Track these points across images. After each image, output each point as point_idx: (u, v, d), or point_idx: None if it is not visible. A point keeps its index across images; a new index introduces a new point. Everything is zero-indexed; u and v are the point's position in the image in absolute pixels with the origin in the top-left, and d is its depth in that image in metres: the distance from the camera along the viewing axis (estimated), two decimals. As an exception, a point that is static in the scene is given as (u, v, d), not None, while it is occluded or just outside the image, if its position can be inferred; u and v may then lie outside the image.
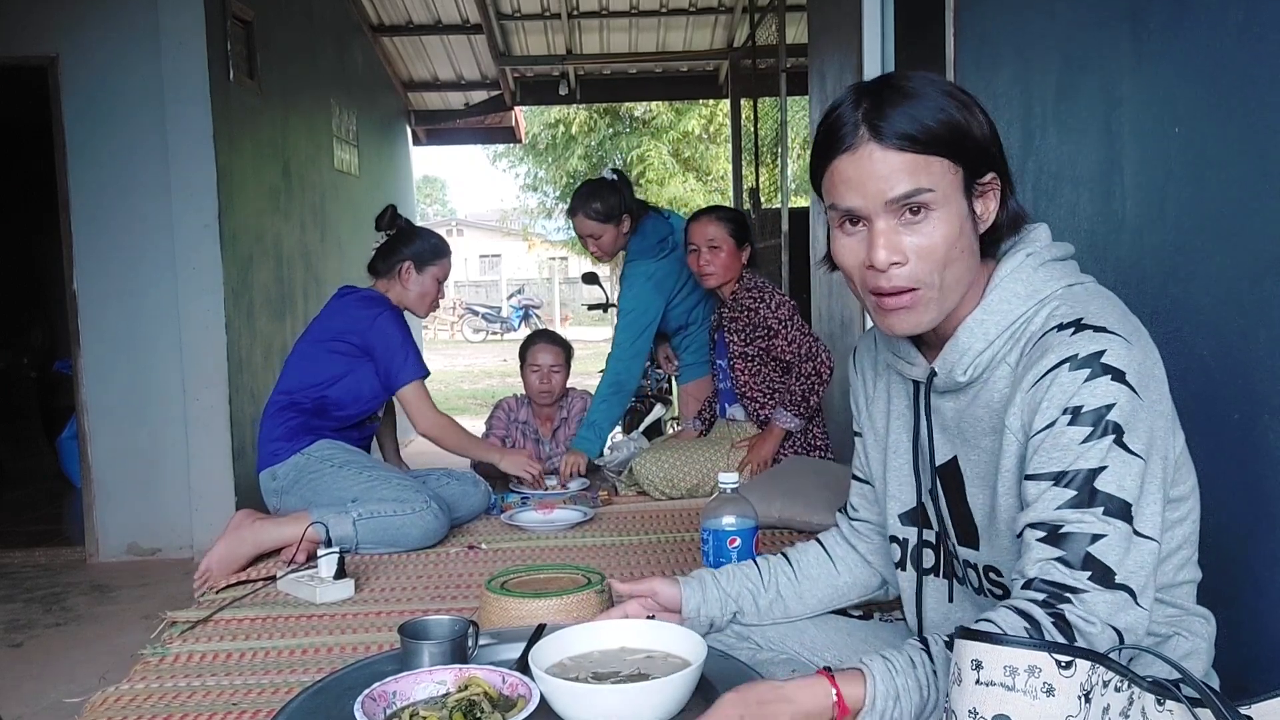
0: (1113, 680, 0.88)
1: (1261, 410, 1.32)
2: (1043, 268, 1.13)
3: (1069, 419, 1.02)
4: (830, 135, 1.11)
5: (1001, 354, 1.12)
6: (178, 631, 1.94)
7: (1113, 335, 1.03)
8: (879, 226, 1.08)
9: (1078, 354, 1.03)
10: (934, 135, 1.06)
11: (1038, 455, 1.04)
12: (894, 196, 1.06)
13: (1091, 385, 1.01)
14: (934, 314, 1.11)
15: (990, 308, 1.13)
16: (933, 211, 1.07)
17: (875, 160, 1.07)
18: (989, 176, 1.12)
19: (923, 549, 1.27)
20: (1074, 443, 1.01)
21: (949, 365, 1.15)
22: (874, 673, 1.04)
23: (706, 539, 1.83)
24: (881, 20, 3.26)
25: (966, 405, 1.17)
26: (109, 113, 4.18)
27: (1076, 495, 1.00)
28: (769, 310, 2.89)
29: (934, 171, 1.07)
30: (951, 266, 1.09)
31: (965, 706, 0.88)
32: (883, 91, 1.09)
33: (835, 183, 1.11)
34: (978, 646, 0.89)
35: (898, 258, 1.08)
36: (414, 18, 7.26)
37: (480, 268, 28.62)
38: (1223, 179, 1.40)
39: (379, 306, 2.77)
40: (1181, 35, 1.49)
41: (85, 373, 4.25)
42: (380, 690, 1.16)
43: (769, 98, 6.39)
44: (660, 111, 15.21)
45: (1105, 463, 1.00)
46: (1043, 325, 1.09)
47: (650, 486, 2.93)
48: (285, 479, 2.62)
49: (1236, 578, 1.38)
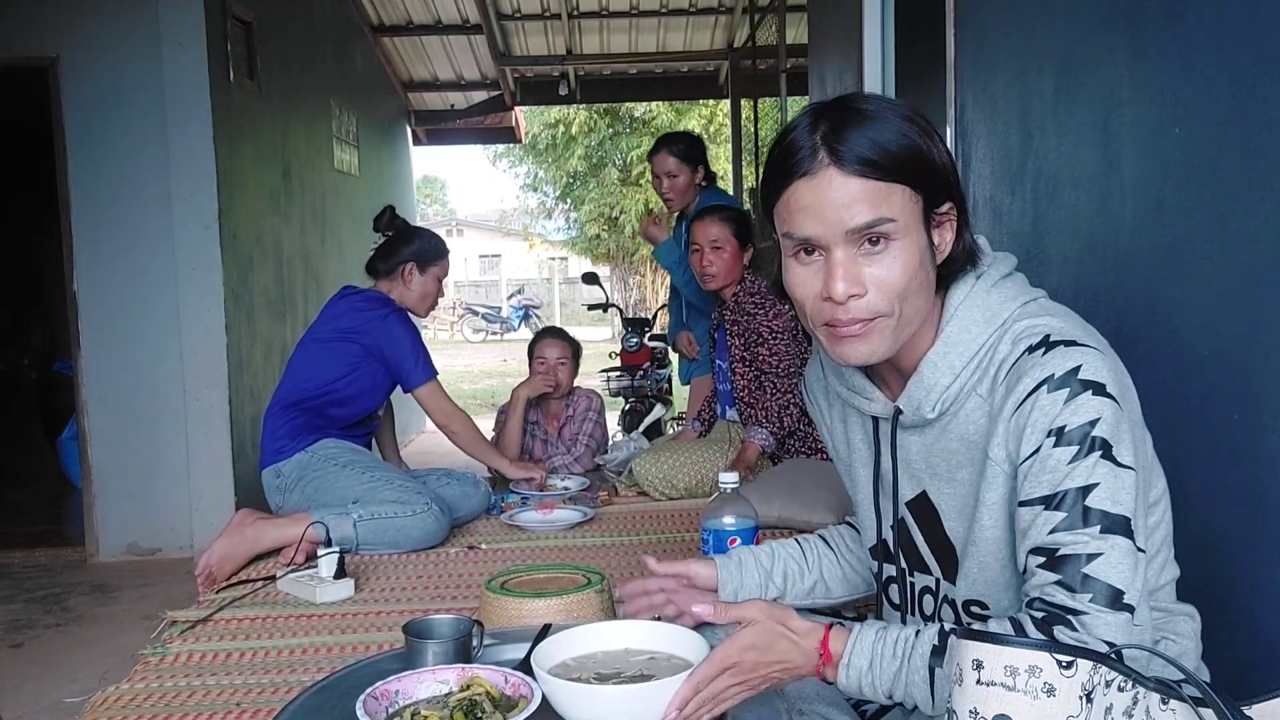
0: (1115, 680, 0.88)
1: (1260, 411, 1.33)
2: (995, 289, 1.11)
3: (1054, 441, 0.99)
4: (786, 158, 1.06)
5: (970, 385, 1.09)
6: (178, 631, 1.94)
7: (1084, 348, 1.01)
8: (837, 256, 1.04)
9: (1054, 373, 1.00)
10: (895, 161, 1.02)
11: (1027, 481, 1.02)
12: (854, 226, 1.02)
13: (1073, 404, 0.99)
14: (889, 344, 1.07)
15: (951, 339, 1.10)
16: (893, 242, 1.03)
17: (835, 187, 1.02)
18: (946, 206, 1.08)
19: (889, 585, 1.25)
20: (1061, 463, 0.99)
21: (915, 402, 1.12)
22: (859, 632, 1.06)
23: (707, 539, 1.83)
24: (881, 21, 3.26)
25: (935, 439, 1.13)
26: (109, 113, 4.18)
27: (1068, 516, 0.99)
28: (765, 318, 2.88)
29: (895, 201, 1.03)
30: (911, 298, 1.05)
31: (966, 706, 0.88)
32: (842, 113, 1.04)
33: (791, 210, 1.06)
34: (979, 646, 0.89)
35: (856, 290, 1.03)
36: (414, 18, 7.27)
37: (480, 268, 28.61)
38: (1221, 180, 1.40)
39: (387, 307, 2.78)
40: (1181, 36, 1.49)
41: (85, 373, 4.25)
42: (382, 689, 1.16)
43: (769, 98, 6.40)
44: (660, 112, 15.23)
45: (1095, 479, 0.98)
46: (1011, 351, 1.06)
47: (650, 487, 2.93)
48: (289, 476, 2.62)
49: (1233, 577, 1.38)
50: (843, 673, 1.06)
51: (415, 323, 2.92)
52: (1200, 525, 1.02)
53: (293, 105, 5.21)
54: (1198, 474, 1.42)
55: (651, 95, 11.27)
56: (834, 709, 1.28)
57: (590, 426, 3.37)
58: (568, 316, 21.86)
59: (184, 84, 4.12)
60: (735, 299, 2.97)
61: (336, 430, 2.70)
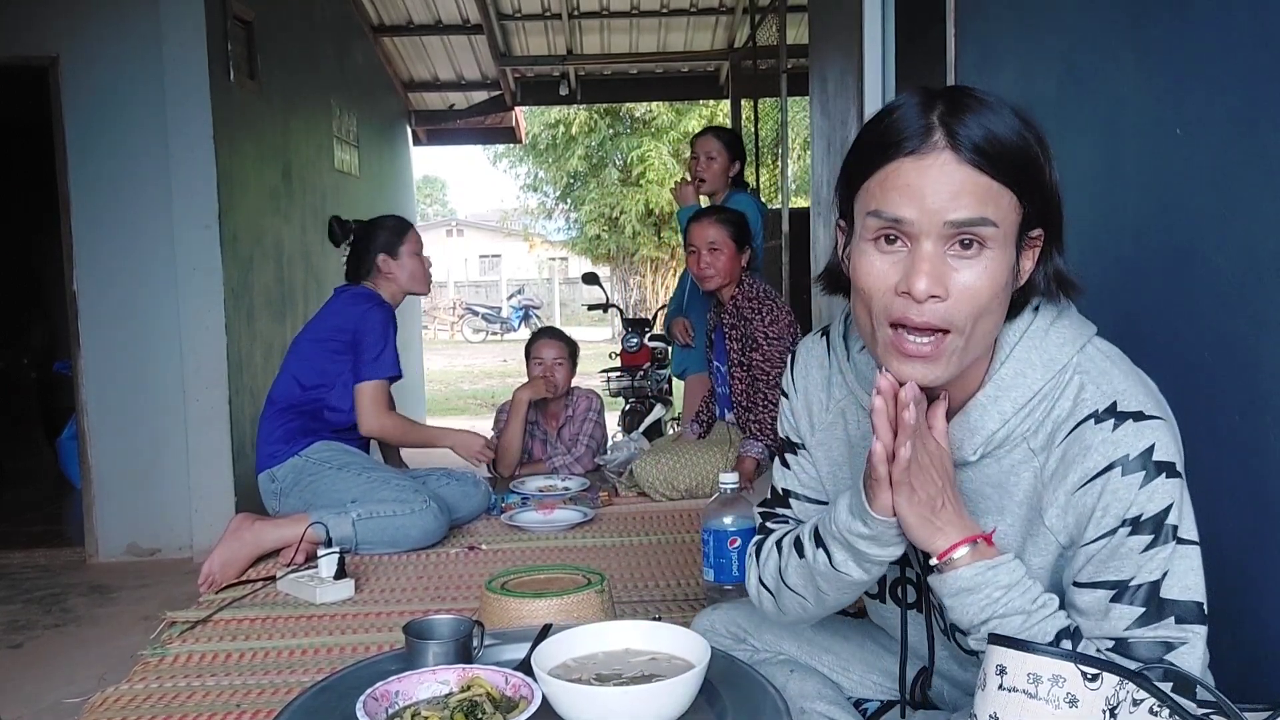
0: (1146, 702, 0.86)
1: (1264, 412, 1.32)
2: (1053, 329, 1.05)
3: (1129, 530, 0.97)
4: (891, 133, 0.97)
5: (1018, 433, 1.04)
6: (177, 632, 1.94)
7: (1154, 421, 0.98)
8: (925, 249, 0.95)
9: (1128, 454, 0.97)
10: (1010, 159, 0.95)
11: (1091, 565, 1.00)
12: (956, 219, 0.94)
13: (1149, 490, 0.96)
14: (952, 371, 0.99)
15: (1004, 383, 1.04)
16: (987, 250, 0.96)
17: (947, 172, 0.94)
18: (1037, 232, 1.01)
19: (904, 585, 1.21)
20: (1134, 552, 0.97)
21: (957, 443, 1.06)
22: (1013, 559, 1.02)
23: (707, 539, 1.83)
24: (882, 21, 3.25)
25: (965, 478, 1.08)
26: (109, 113, 4.17)
27: (1145, 612, 0.97)
28: (761, 323, 2.88)
29: (1002, 205, 0.96)
30: (985, 319, 0.98)
31: (987, 711, 0.88)
32: (960, 97, 0.97)
33: (887, 188, 0.96)
34: (1004, 652, 0.88)
35: (938, 291, 0.95)
36: (414, 18, 7.26)
37: (480, 268, 28.60)
38: (1226, 181, 1.40)
39: (371, 302, 2.79)
40: (1184, 36, 1.49)
41: (85, 373, 4.25)
42: (383, 689, 1.16)
43: (769, 98, 6.40)
44: (660, 112, 15.21)
45: (1168, 568, 0.97)
46: (1072, 411, 1.01)
47: (650, 488, 2.93)
48: (284, 481, 2.62)
49: (1237, 581, 1.38)
50: (983, 568, 0.99)
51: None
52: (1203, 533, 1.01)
53: (293, 105, 5.21)
54: (1201, 477, 1.41)
55: (652, 95, 11.26)
56: (835, 708, 1.28)
57: (590, 427, 3.37)
58: (568, 317, 21.86)
59: (184, 84, 4.11)
60: (734, 302, 2.97)
61: (331, 433, 2.69)
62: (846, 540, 1.07)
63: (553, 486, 3.00)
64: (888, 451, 0.98)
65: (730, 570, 1.84)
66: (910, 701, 1.29)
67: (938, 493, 1.00)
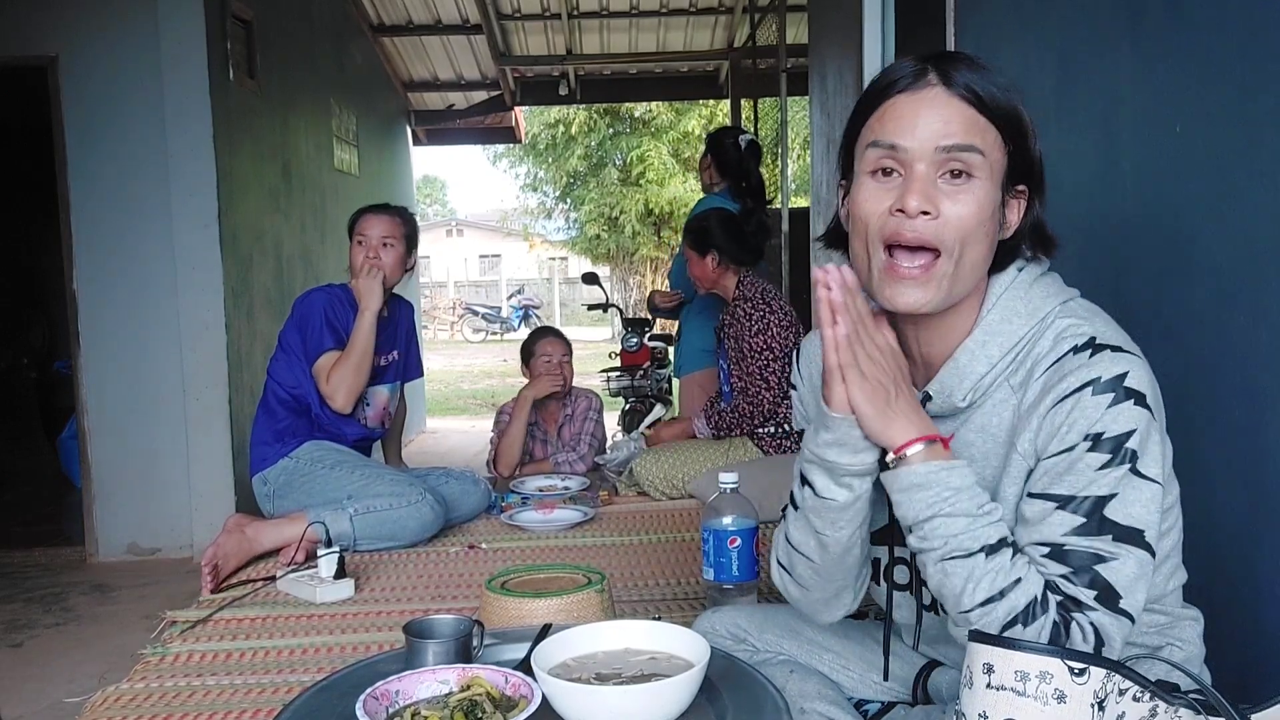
0: (1130, 690, 0.87)
1: (1264, 409, 1.32)
2: (1036, 284, 1.11)
3: (1089, 445, 0.99)
4: (886, 78, 1.07)
5: (1002, 376, 1.09)
6: (178, 631, 1.94)
7: (1130, 355, 1.02)
8: (918, 171, 1.04)
9: (1100, 376, 1.00)
10: (997, 104, 1.04)
11: (1047, 476, 1.02)
12: (947, 144, 1.03)
13: (1115, 411, 0.99)
14: (942, 296, 1.06)
15: (991, 328, 1.09)
16: (974, 180, 1.04)
17: (939, 104, 1.04)
18: (1022, 187, 1.10)
19: (895, 565, 1.23)
20: (1090, 468, 0.99)
21: (948, 389, 1.11)
22: (965, 466, 1.04)
23: (707, 539, 1.83)
24: (882, 20, 3.25)
25: (956, 429, 1.12)
26: (109, 113, 4.17)
27: (1085, 523, 0.99)
28: (749, 333, 2.90)
29: (989, 138, 1.04)
30: (973, 246, 1.05)
31: (975, 710, 0.88)
32: (952, 55, 1.08)
33: (884, 120, 1.06)
34: (990, 650, 0.88)
35: (929, 208, 1.03)
36: (414, 18, 7.26)
37: (480, 268, 28.59)
38: (1223, 176, 1.40)
39: (312, 293, 2.79)
40: (1182, 34, 1.49)
41: (85, 373, 4.25)
42: (383, 689, 1.16)
43: (769, 98, 6.40)
44: (660, 111, 15.22)
45: (1116, 490, 0.99)
46: (1052, 348, 1.06)
47: (650, 487, 2.93)
48: (276, 483, 2.62)
49: (1236, 577, 1.38)
50: (936, 468, 1.02)
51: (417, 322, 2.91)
52: (1203, 526, 1.02)
53: (292, 104, 5.21)
54: (1200, 473, 1.42)
55: (651, 95, 11.27)
56: (835, 708, 1.28)
57: (591, 426, 3.37)
58: (568, 316, 21.86)
59: (183, 83, 4.11)
60: (734, 303, 2.99)
61: (320, 433, 2.69)
62: (818, 457, 1.09)
63: (553, 486, 3.00)
64: (833, 340, 1.03)
65: (730, 569, 1.84)
66: (911, 699, 1.30)
67: (890, 381, 1.05)
